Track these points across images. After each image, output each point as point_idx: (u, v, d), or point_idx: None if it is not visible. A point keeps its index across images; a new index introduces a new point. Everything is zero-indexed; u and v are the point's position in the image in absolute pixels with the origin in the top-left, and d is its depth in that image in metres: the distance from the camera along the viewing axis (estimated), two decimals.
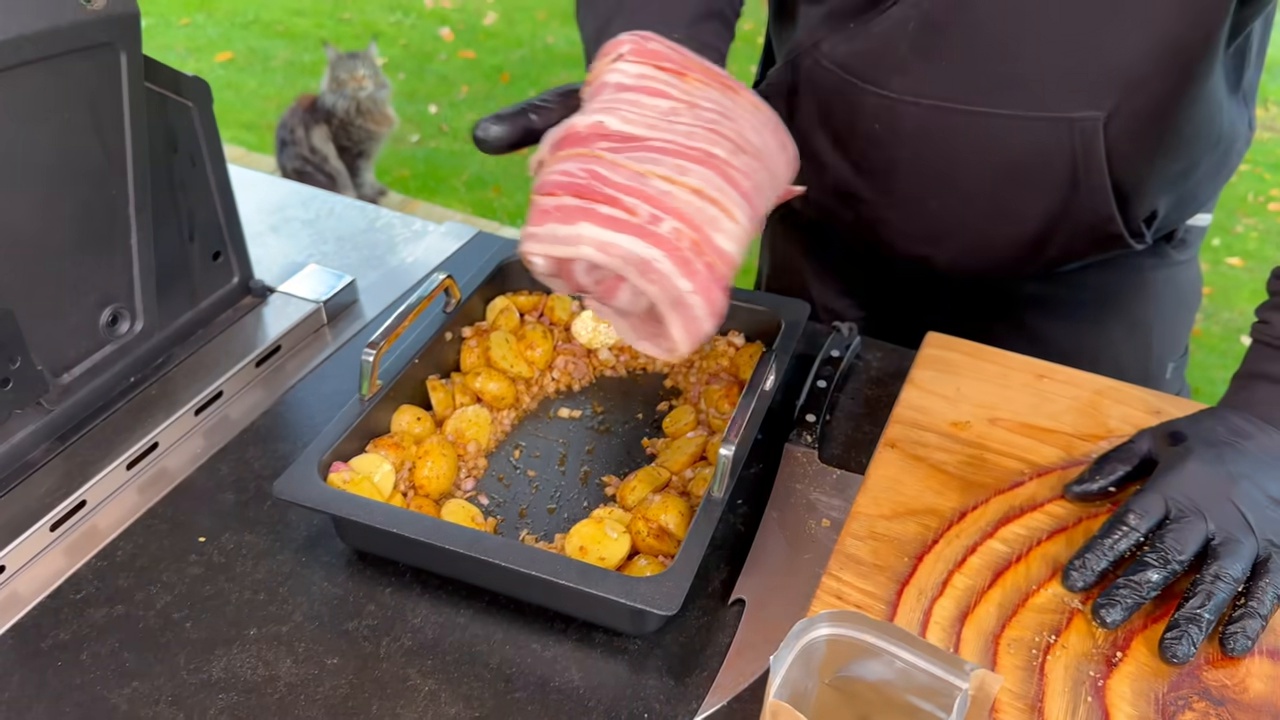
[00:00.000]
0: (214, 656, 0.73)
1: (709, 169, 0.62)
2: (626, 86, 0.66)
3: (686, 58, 0.69)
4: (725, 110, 0.66)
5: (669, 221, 0.60)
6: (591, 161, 0.61)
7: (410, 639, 0.75)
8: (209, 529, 0.82)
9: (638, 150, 0.62)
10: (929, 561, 0.76)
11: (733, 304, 0.93)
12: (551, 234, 0.61)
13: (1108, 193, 0.91)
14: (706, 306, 0.61)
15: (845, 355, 0.96)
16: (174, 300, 0.94)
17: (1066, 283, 1.03)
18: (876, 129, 0.94)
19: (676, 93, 0.66)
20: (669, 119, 0.64)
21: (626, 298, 0.63)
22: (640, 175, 0.60)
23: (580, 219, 0.60)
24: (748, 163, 0.65)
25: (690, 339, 0.63)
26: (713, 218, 0.61)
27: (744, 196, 0.63)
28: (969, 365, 0.92)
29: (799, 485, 0.85)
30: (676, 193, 0.60)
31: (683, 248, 0.59)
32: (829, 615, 0.47)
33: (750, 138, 0.66)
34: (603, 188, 0.60)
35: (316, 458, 0.78)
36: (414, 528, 0.72)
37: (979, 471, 0.83)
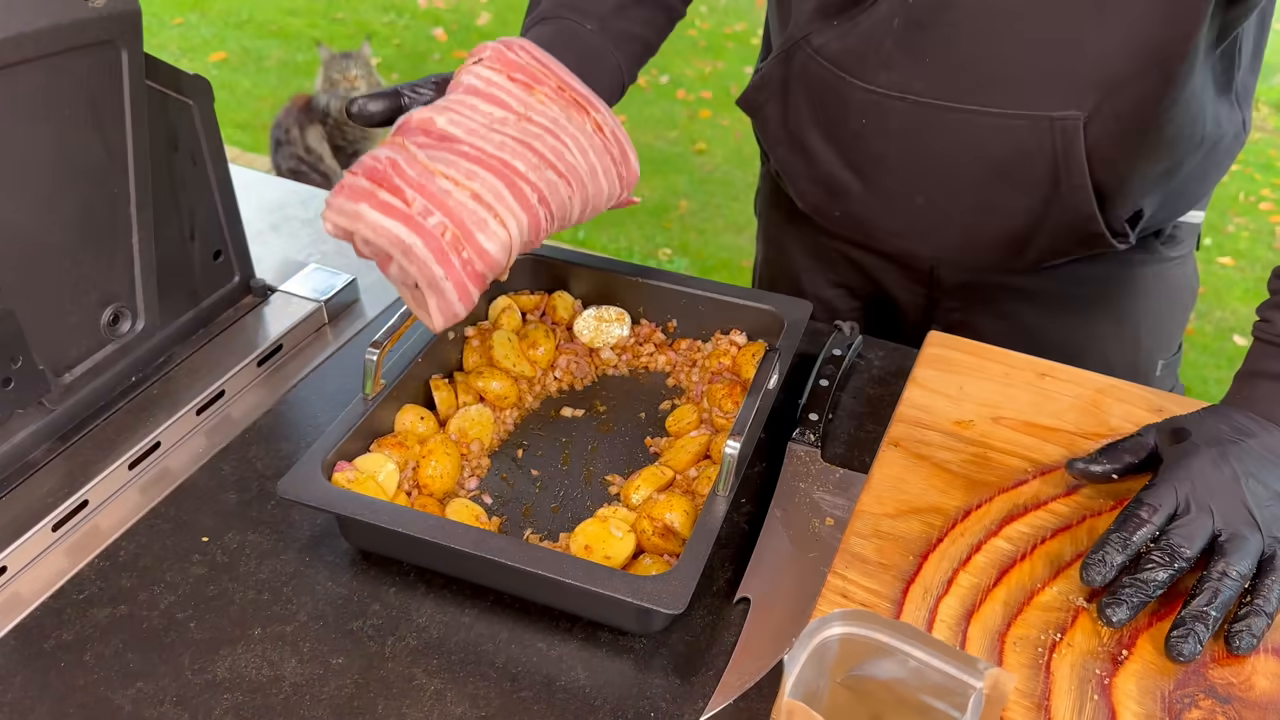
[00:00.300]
0: (218, 657, 0.73)
1: (498, 178, 0.71)
2: (473, 89, 0.75)
3: (545, 71, 0.77)
4: (555, 128, 0.75)
5: (437, 216, 0.69)
6: (399, 151, 0.71)
7: (415, 638, 0.74)
8: (212, 529, 0.82)
9: (445, 151, 0.71)
10: (934, 560, 0.76)
11: (734, 302, 0.94)
12: (340, 207, 0.71)
13: (1089, 192, 0.92)
14: (457, 292, 0.71)
15: (847, 354, 0.96)
16: (175, 299, 0.94)
17: (1054, 277, 1.04)
18: (864, 124, 0.95)
19: (515, 104, 0.75)
20: (492, 127, 0.73)
21: (395, 271, 0.72)
22: (430, 173, 0.70)
23: (363, 200, 0.70)
24: (549, 180, 0.74)
25: (443, 317, 0.72)
26: (481, 220, 0.70)
27: (526, 209, 0.72)
28: (971, 364, 0.92)
29: (802, 484, 0.85)
30: (455, 193, 0.70)
31: (444, 240, 0.69)
32: (842, 614, 0.47)
33: (569, 157, 0.75)
34: (394, 177, 0.70)
35: (320, 457, 0.77)
36: (419, 527, 0.72)
37: (983, 470, 0.83)
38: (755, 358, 0.91)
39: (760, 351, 0.91)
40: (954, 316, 1.10)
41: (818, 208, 1.07)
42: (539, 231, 0.74)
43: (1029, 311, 1.07)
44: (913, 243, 1.04)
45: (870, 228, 1.04)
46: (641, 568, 0.75)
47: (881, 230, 1.04)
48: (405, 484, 0.81)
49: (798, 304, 0.93)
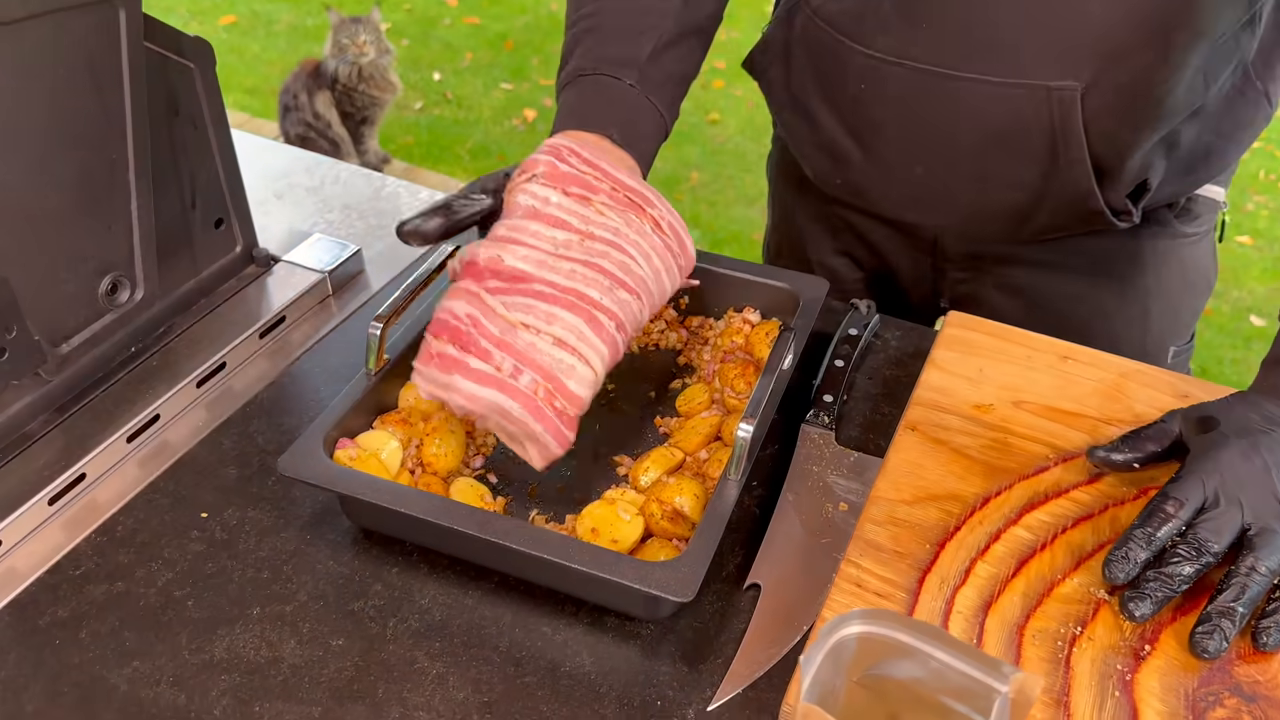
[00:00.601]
0: (216, 636, 0.72)
1: (576, 315, 0.72)
2: (531, 212, 0.76)
3: (598, 177, 0.78)
4: (618, 239, 0.76)
5: (528, 374, 0.71)
6: (475, 304, 0.72)
7: (417, 620, 0.73)
8: (211, 505, 0.80)
9: (520, 294, 0.73)
10: (951, 549, 0.74)
11: (749, 279, 0.91)
12: (432, 378, 0.72)
13: (1086, 166, 0.89)
14: (555, 439, 0.72)
15: (863, 334, 0.93)
16: (175, 268, 0.92)
17: (1062, 249, 1.01)
18: (863, 89, 0.93)
19: (576, 221, 0.75)
20: (558, 253, 0.74)
21: (494, 424, 0.73)
22: (511, 327, 0.71)
23: (455, 370, 0.71)
24: (621, 300, 0.75)
25: (542, 460, 0.73)
26: (569, 367, 0.72)
27: (606, 340, 0.73)
28: (992, 346, 0.90)
29: (815, 468, 0.83)
30: (539, 343, 0.71)
31: (538, 397, 0.71)
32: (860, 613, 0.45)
33: (636, 269, 0.76)
34: (479, 339, 0.71)
35: (322, 434, 0.75)
36: (422, 507, 0.70)
37: (1002, 456, 0.81)
38: (769, 337, 0.88)
39: (774, 330, 0.89)
40: (960, 289, 1.08)
41: (821, 174, 1.05)
42: (618, 355, 0.75)
43: (1037, 284, 1.04)
44: (914, 213, 1.01)
45: (872, 196, 1.02)
46: (650, 552, 0.73)
47: (883, 199, 1.02)
48: (409, 462, 0.79)
49: (814, 282, 0.90)
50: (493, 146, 3.52)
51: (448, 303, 0.74)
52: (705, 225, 3.15)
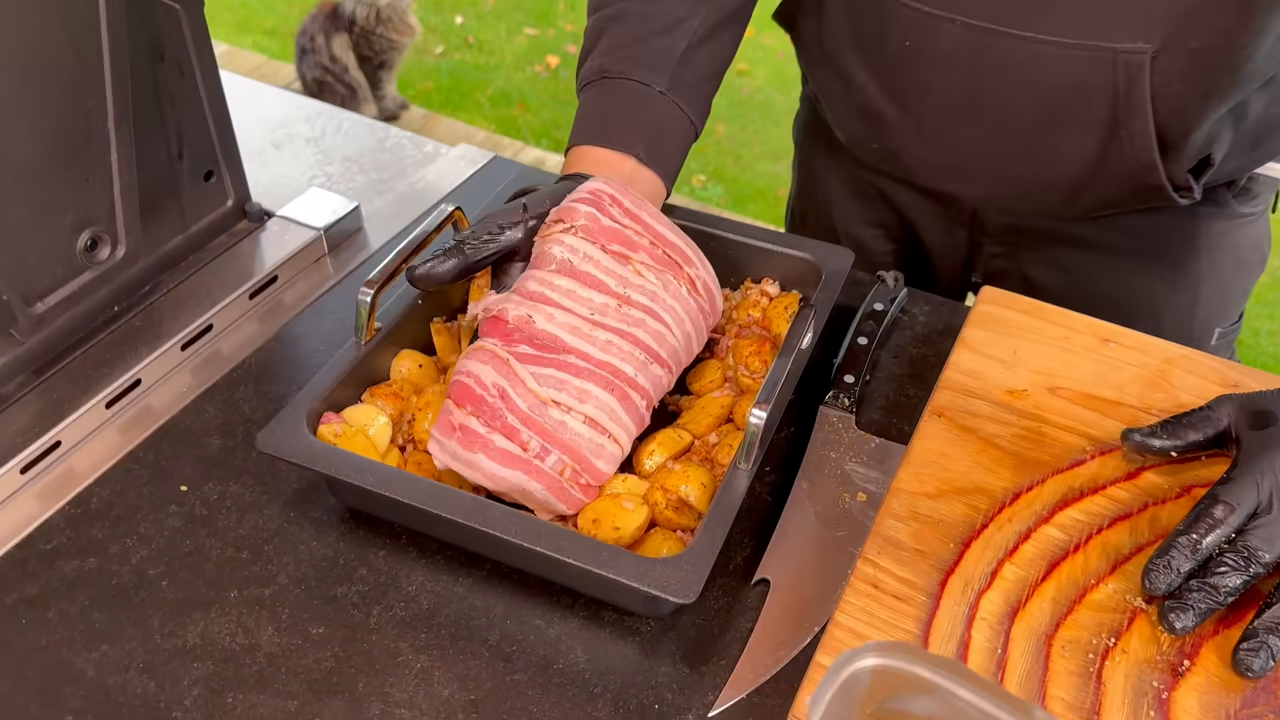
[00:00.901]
0: (190, 620, 0.68)
1: (609, 392, 0.69)
2: (567, 268, 0.72)
3: (639, 230, 0.74)
4: (655, 306, 0.73)
5: (554, 455, 0.67)
6: (504, 373, 0.68)
7: (403, 609, 0.68)
8: (191, 477, 0.76)
9: (552, 365, 0.69)
10: (977, 548, 0.69)
11: (768, 248, 0.85)
12: (453, 452, 0.68)
13: (1150, 138, 0.83)
14: (573, 511, 0.69)
15: (890, 309, 0.87)
16: (161, 223, 0.87)
17: (1110, 225, 0.94)
18: (907, 46, 0.86)
19: (613, 283, 0.72)
20: (594, 320, 0.71)
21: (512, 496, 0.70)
22: (542, 405, 0.68)
23: (479, 448, 0.67)
24: (654, 375, 0.72)
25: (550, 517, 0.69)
26: (597, 447, 0.69)
27: (635, 419, 0.71)
28: (1027, 325, 0.84)
29: (833, 453, 0.78)
30: (570, 423, 0.68)
31: (563, 479, 0.67)
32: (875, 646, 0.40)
33: (669, 337, 0.73)
34: (506, 415, 0.67)
35: (306, 407, 0.71)
36: (409, 492, 0.66)
37: (1035, 447, 0.75)
38: (788, 311, 0.82)
39: (794, 305, 0.83)
40: (997, 263, 1.01)
41: (854, 138, 0.98)
42: (641, 428, 0.73)
43: (1079, 261, 0.98)
44: (954, 183, 0.95)
45: (909, 164, 0.95)
46: (652, 544, 0.68)
47: (921, 167, 0.95)
48: (400, 437, 0.74)
49: (838, 252, 0.84)
50: (514, 93, 3.45)
51: (472, 365, 0.69)
52: (729, 180, 3.07)
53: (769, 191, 3.03)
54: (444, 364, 0.80)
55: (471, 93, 3.45)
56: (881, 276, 0.90)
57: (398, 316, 0.78)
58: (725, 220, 0.87)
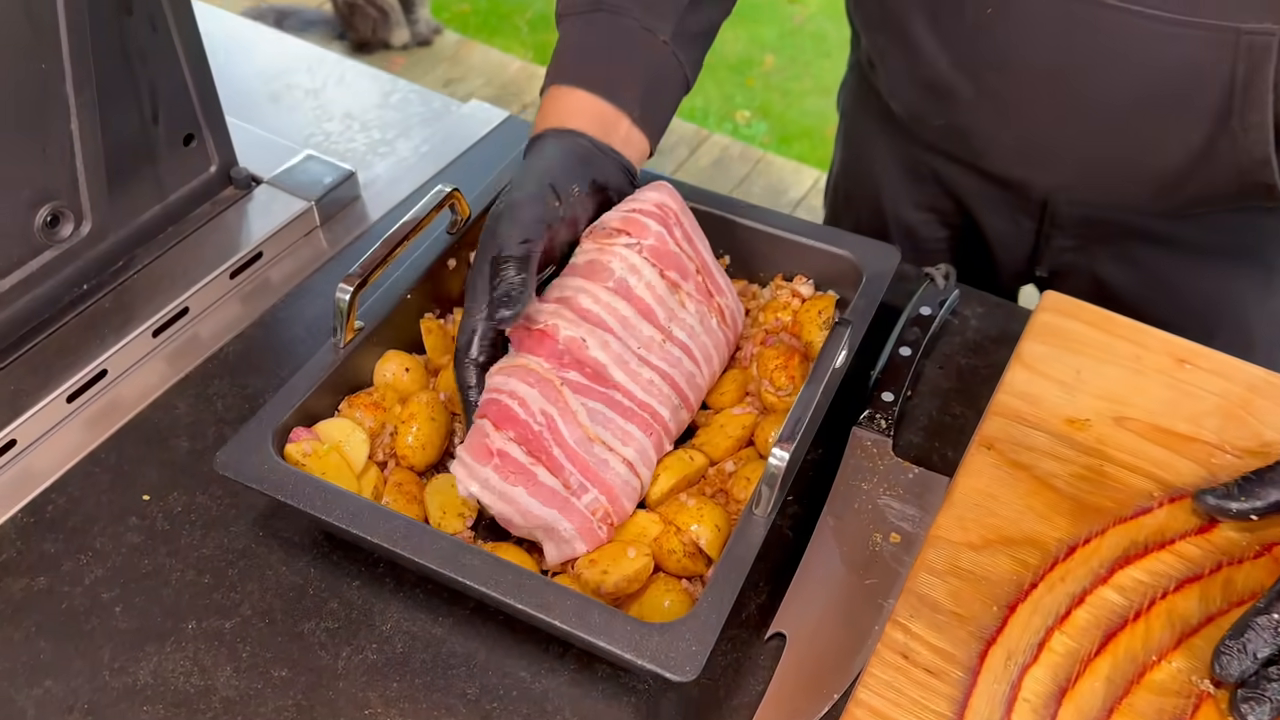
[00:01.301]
0: (143, 654, 0.61)
1: (647, 436, 0.65)
2: (625, 290, 0.66)
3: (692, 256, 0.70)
4: (691, 343, 0.69)
5: (591, 494, 0.61)
6: (558, 403, 0.62)
7: (375, 651, 0.62)
8: (155, 485, 0.69)
9: (601, 401, 0.64)
10: (1024, 613, 0.60)
11: (803, 243, 0.76)
12: (485, 480, 0.60)
13: (1267, 131, 0.73)
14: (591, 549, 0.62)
15: (938, 313, 0.78)
16: (134, 194, 0.79)
17: (1199, 222, 0.84)
18: (989, 14, 0.76)
19: (662, 314, 0.67)
20: (640, 355, 0.66)
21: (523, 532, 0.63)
22: (589, 441, 0.62)
23: (521, 482, 0.60)
24: (681, 420, 0.68)
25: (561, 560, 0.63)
26: (633, 490, 0.64)
27: (660, 455, 0.66)
28: (1093, 340, 0.74)
29: (865, 484, 0.69)
30: (611, 462, 0.63)
31: (594, 519, 0.61)
32: None
33: (698, 378, 0.69)
34: (553, 448, 0.61)
35: (272, 422, 0.63)
36: (380, 530, 0.58)
37: (1096, 490, 0.66)
38: (822, 317, 0.73)
39: (829, 309, 0.74)
40: (1065, 258, 0.91)
41: (915, 114, 0.87)
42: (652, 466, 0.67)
43: (1159, 259, 0.87)
44: (1028, 169, 0.84)
45: (978, 146, 0.85)
46: (654, 595, 0.60)
47: (992, 151, 0.85)
48: (381, 452, 0.67)
49: (882, 251, 0.75)
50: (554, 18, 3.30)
51: (516, 386, 0.62)
52: (776, 117, 2.93)
53: (817, 130, 2.89)
54: (435, 366, 0.72)
55: (509, 16, 3.31)
56: (930, 274, 0.80)
57: (384, 312, 0.70)
58: (759, 210, 0.78)
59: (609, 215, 0.69)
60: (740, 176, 2.61)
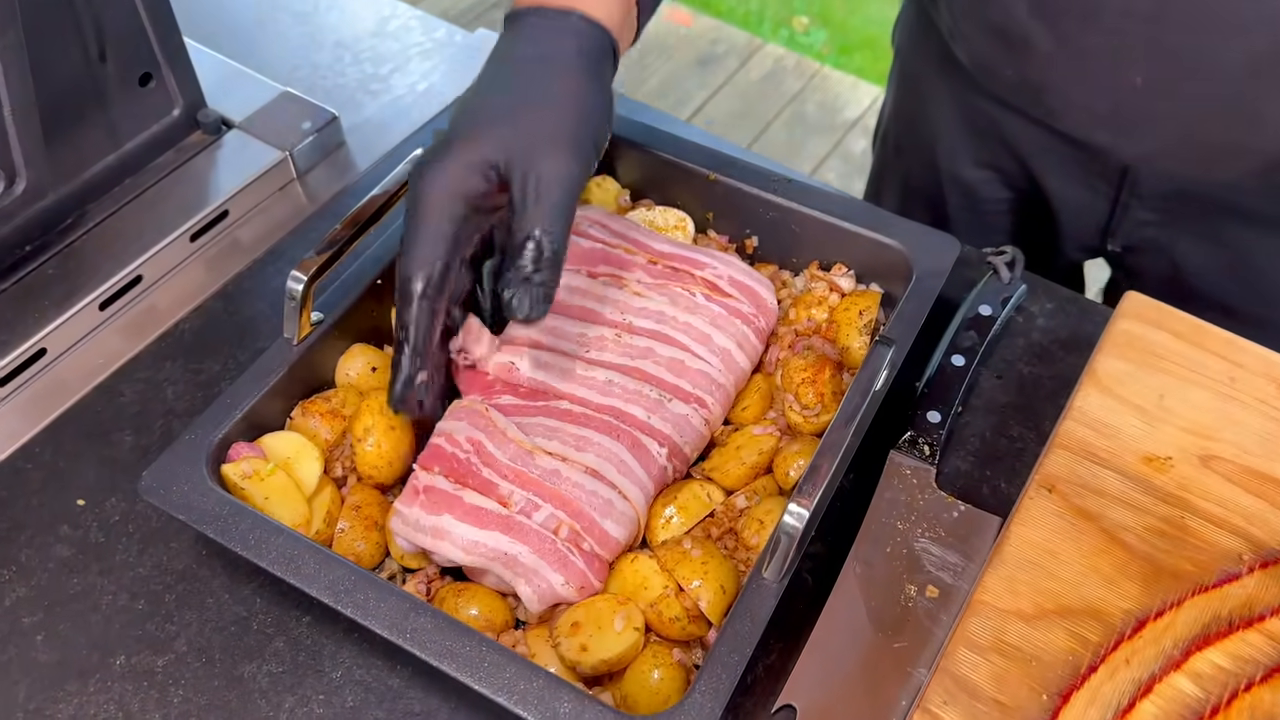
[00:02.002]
0: (64, 694, 0.54)
1: (616, 440, 0.56)
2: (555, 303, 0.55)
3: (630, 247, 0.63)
4: (661, 327, 0.60)
5: (546, 509, 0.53)
6: (481, 425, 0.56)
7: (323, 704, 0.54)
8: (92, 487, 0.62)
9: (541, 415, 0.56)
10: (1079, 704, 0.51)
11: (845, 228, 0.65)
12: (416, 522, 0.53)
13: None
14: (581, 595, 0.53)
15: (1000, 314, 0.66)
16: (81, 144, 0.69)
17: None
18: None
19: (610, 312, 0.60)
20: (591, 359, 0.59)
21: (494, 580, 0.55)
22: (527, 454, 0.55)
23: (445, 509, 0.53)
24: (676, 416, 0.58)
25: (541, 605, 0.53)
26: (604, 502, 0.54)
27: (652, 471, 0.56)
28: (1182, 356, 0.63)
29: (900, 523, 0.59)
30: (565, 471, 0.55)
31: (558, 538, 0.53)
32: None
33: (691, 362, 0.59)
34: (481, 468, 0.54)
35: (210, 435, 0.55)
36: (318, 581, 0.50)
37: (1175, 549, 0.56)
38: (863, 319, 0.62)
39: (871, 308, 0.63)
40: (1145, 233, 0.79)
41: (983, 63, 0.75)
42: (664, 485, 0.58)
43: (1252, 242, 0.75)
44: (1111, 134, 0.72)
45: (1054, 105, 0.73)
46: (642, 664, 0.51)
47: (1070, 111, 0.73)
48: (340, 467, 0.58)
49: (938, 242, 0.63)
50: None
51: (446, 425, 0.57)
52: (836, 24, 2.74)
53: (880, 40, 2.69)
54: None
55: None
56: (993, 264, 0.69)
57: (350, 298, 0.61)
58: (797, 184, 0.66)
59: None
60: (793, 93, 2.45)
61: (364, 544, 0.56)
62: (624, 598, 0.52)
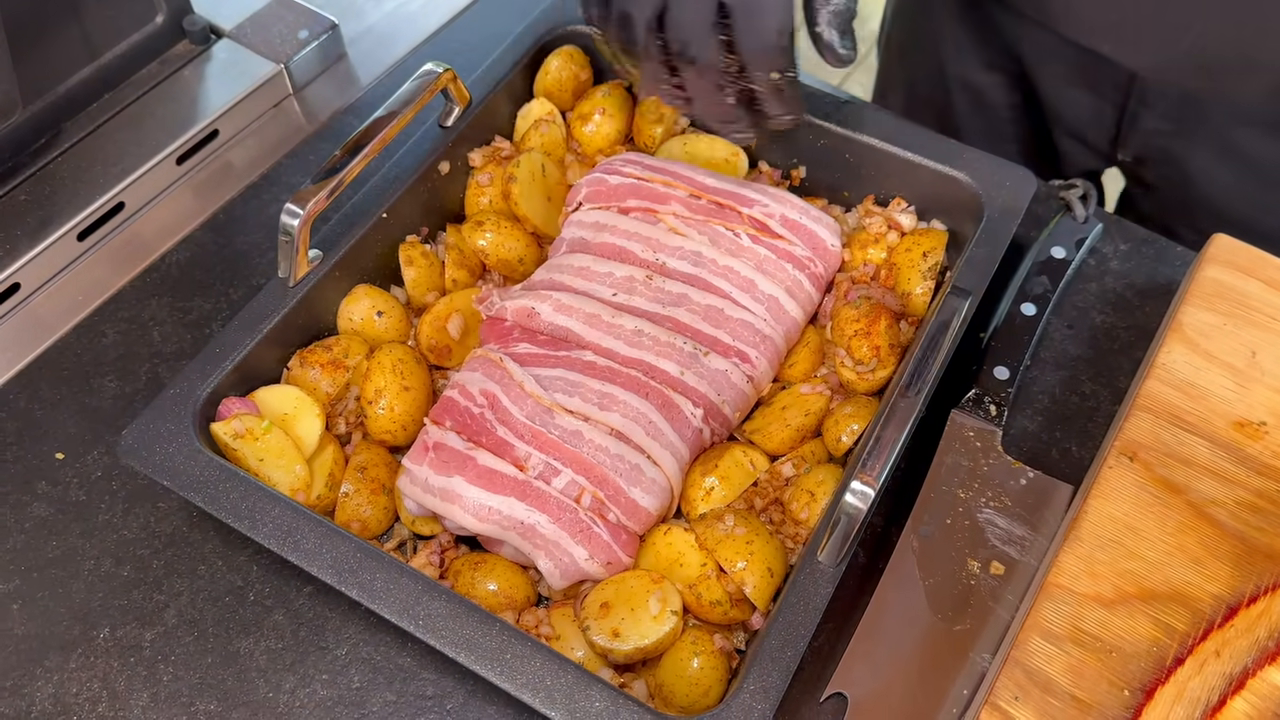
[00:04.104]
0: (43, 670, 0.50)
1: (643, 398, 0.50)
2: (579, 244, 0.55)
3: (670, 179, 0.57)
4: (700, 270, 0.54)
5: (566, 474, 0.49)
6: (495, 375, 0.51)
7: (326, 684, 0.49)
8: (72, 439, 0.56)
9: (559, 364, 0.51)
10: (1163, 700, 0.46)
11: (906, 158, 0.58)
12: (425, 483, 0.49)
13: None
14: (608, 571, 0.48)
15: (1074, 257, 0.60)
16: (53, 55, 0.63)
17: None
18: None
19: (640, 249, 0.55)
20: (619, 304, 0.53)
21: (511, 551, 0.50)
22: (546, 412, 0.50)
23: (456, 469, 0.48)
24: (711, 370, 0.52)
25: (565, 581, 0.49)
26: (632, 468, 0.49)
27: (686, 435, 0.51)
28: (1276, 308, 0.56)
29: (963, 491, 0.54)
30: (588, 433, 0.49)
31: (580, 507, 0.48)
32: None
33: (732, 311, 0.53)
34: (496, 425, 0.49)
35: (197, 389, 0.49)
36: (319, 557, 0.45)
37: (1270, 525, 0.50)
38: (927, 260, 0.56)
39: (936, 249, 0.56)
40: (1156, 141, 0.73)
41: None
42: (702, 451, 0.52)
43: (1265, 146, 0.69)
44: (1116, 43, 0.67)
45: (1059, 10, 0.67)
46: (680, 650, 0.46)
47: (1073, 20, 0.68)
48: (344, 422, 0.53)
49: (1015, 175, 0.56)
50: None
51: (460, 376, 0.52)
52: None
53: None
54: (418, 305, 0.57)
55: None
56: (1065, 198, 0.62)
57: (352, 235, 0.54)
58: (844, 104, 0.59)
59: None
60: None
61: (370, 509, 0.50)
62: (658, 575, 0.47)
